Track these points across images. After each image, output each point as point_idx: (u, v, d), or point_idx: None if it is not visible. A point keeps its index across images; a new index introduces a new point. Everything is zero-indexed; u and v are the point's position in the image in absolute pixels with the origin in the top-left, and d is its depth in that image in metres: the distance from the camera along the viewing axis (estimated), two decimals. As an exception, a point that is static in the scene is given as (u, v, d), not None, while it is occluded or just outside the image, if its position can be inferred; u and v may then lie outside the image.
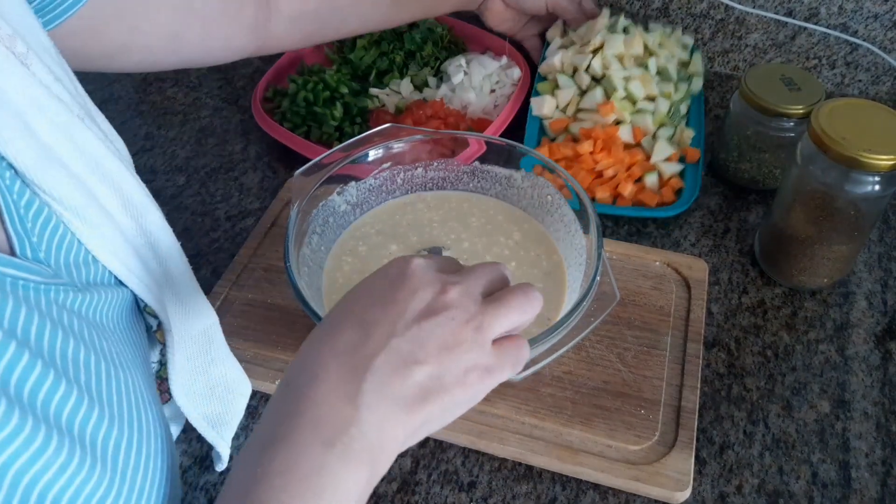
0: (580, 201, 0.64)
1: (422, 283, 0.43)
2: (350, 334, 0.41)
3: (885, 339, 0.68)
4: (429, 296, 0.42)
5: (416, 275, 0.43)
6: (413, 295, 0.42)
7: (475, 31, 1.00)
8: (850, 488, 0.58)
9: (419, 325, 0.41)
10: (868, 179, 0.63)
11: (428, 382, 0.40)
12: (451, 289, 0.42)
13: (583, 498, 0.58)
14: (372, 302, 0.42)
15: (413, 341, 0.40)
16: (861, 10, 0.90)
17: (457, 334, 0.41)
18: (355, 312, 0.42)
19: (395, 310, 0.42)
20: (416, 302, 0.42)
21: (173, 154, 0.89)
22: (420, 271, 0.43)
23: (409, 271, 0.43)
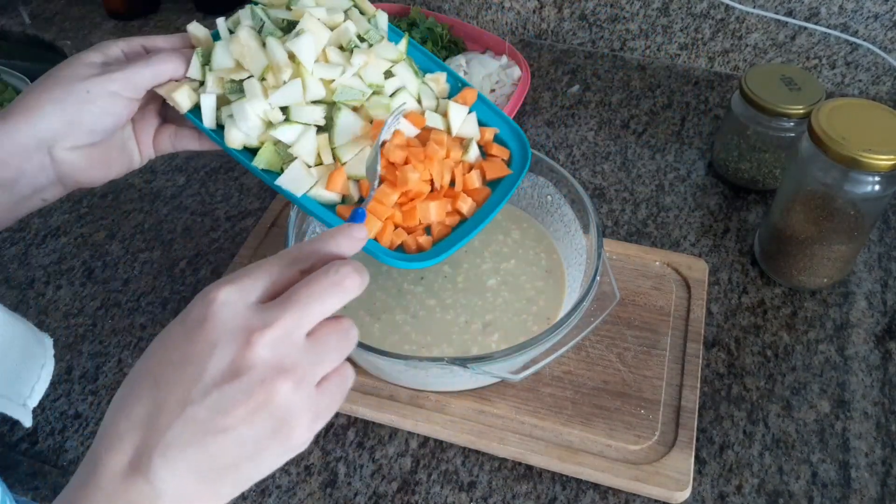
0: (580, 201, 0.64)
1: (222, 335, 0.36)
2: (144, 400, 0.36)
3: (885, 339, 0.68)
4: (230, 352, 0.36)
5: (216, 321, 0.36)
6: (211, 352, 0.36)
7: (475, 31, 1.00)
8: (850, 488, 0.58)
9: (220, 390, 0.35)
10: (868, 179, 0.63)
11: (235, 449, 0.36)
12: (258, 341, 0.36)
13: (583, 498, 0.58)
14: (168, 358, 0.37)
15: (212, 408, 0.35)
16: (861, 10, 0.90)
17: (269, 395, 0.36)
18: (151, 372, 0.37)
19: (190, 371, 0.36)
20: (214, 361, 0.36)
21: (173, 154, 0.89)
22: (223, 315, 0.36)
23: (209, 316, 0.36)
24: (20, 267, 0.76)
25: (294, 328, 0.37)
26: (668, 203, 0.82)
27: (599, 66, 1.02)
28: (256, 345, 0.36)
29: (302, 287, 0.38)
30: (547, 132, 0.91)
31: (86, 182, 0.56)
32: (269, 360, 0.36)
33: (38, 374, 0.57)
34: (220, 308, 0.37)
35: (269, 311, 0.37)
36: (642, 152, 0.88)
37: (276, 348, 0.36)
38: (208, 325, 0.36)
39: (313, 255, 0.40)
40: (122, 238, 0.78)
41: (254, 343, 0.36)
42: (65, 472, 0.60)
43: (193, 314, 0.37)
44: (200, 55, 0.56)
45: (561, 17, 1.03)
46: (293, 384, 0.37)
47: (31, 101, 0.51)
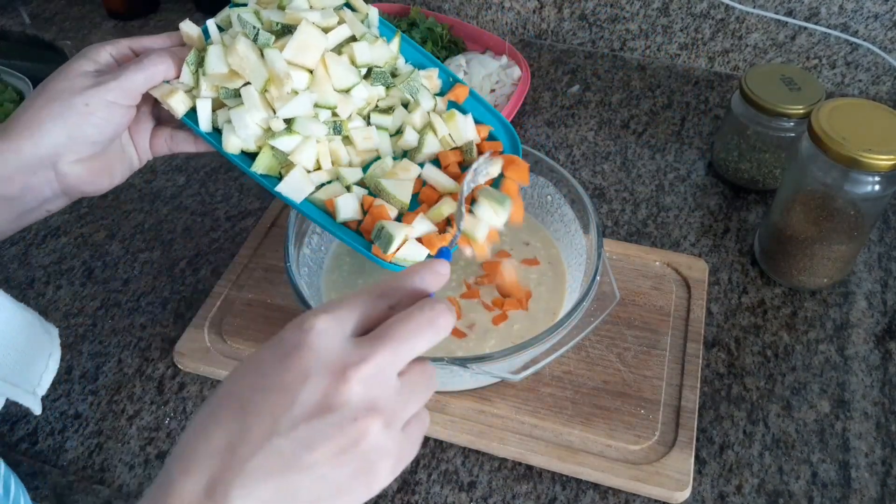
0: (580, 200, 0.65)
1: (317, 366, 0.35)
2: (227, 425, 0.35)
3: (885, 339, 0.68)
4: (324, 384, 0.34)
5: (312, 351, 0.35)
6: (304, 382, 0.34)
7: (475, 31, 1.00)
8: (850, 488, 0.58)
9: (309, 424, 0.34)
10: (868, 179, 0.63)
11: (316, 488, 0.34)
12: (353, 376, 0.34)
13: (583, 498, 0.58)
14: (257, 384, 0.35)
15: (299, 443, 0.34)
16: (861, 10, 0.90)
17: (360, 434, 0.35)
18: (238, 396, 0.35)
19: (281, 399, 0.34)
20: (306, 392, 0.34)
21: (173, 154, 0.89)
22: (320, 344, 0.35)
23: (305, 344, 0.35)
24: (20, 267, 0.76)
25: (388, 366, 0.36)
26: (668, 203, 0.82)
27: (599, 66, 1.02)
28: (351, 380, 0.34)
29: (398, 323, 0.37)
30: (547, 132, 0.91)
31: (90, 191, 0.56)
32: (362, 397, 0.35)
33: (46, 362, 0.57)
34: (316, 337, 0.35)
35: (365, 345, 0.36)
36: (642, 152, 0.88)
37: (369, 386, 0.35)
38: (304, 353, 0.35)
39: (400, 290, 0.39)
40: (122, 238, 0.78)
41: (349, 378, 0.34)
42: (65, 471, 0.60)
43: (288, 341, 0.36)
44: (191, 63, 0.56)
45: (561, 17, 1.03)
46: (383, 425, 0.35)
47: (31, 118, 0.51)
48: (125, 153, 0.58)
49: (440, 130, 0.61)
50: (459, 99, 0.63)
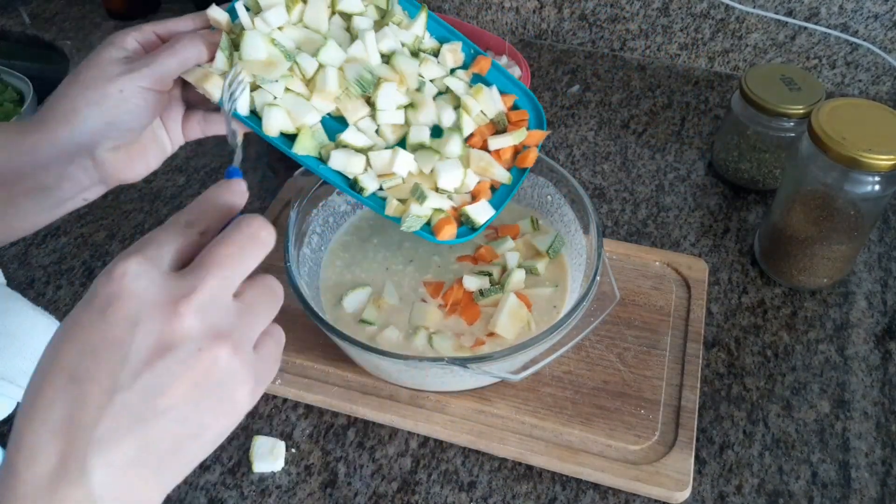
0: (580, 200, 0.64)
1: (142, 310, 0.32)
2: (62, 400, 0.32)
3: (885, 339, 0.68)
4: (156, 325, 0.32)
5: (132, 297, 0.32)
6: (133, 330, 0.32)
7: (475, 31, 1.00)
8: (850, 488, 0.58)
9: (152, 369, 0.32)
10: (868, 179, 0.63)
11: (177, 430, 0.33)
12: (185, 309, 0.33)
13: (583, 498, 0.58)
14: (81, 346, 0.33)
15: (146, 391, 0.32)
16: (861, 10, 0.90)
17: (208, 364, 0.33)
18: (64, 364, 0.32)
19: (113, 355, 0.32)
20: (139, 339, 0.32)
21: (173, 154, 0.88)
22: (138, 288, 0.33)
23: (122, 292, 0.32)
24: (20, 267, 0.76)
25: (220, 290, 0.34)
26: (668, 203, 0.82)
27: (599, 66, 1.02)
28: (184, 313, 0.33)
29: (218, 247, 0.35)
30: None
31: (127, 178, 0.56)
32: (200, 327, 0.33)
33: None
34: (132, 282, 0.33)
35: (188, 277, 0.34)
36: (642, 152, 0.88)
37: (205, 314, 0.33)
38: (123, 302, 0.32)
39: (206, 214, 0.38)
40: (122, 238, 0.78)
41: (181, 312, 0.32)
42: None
43: (102, 295, 0.33)
44: (225, 48, 0.55)
45: (561, 17, 1.03)
46: (231, 349, 0.34)
47: (67, 107, 0.51)
48: (158, 139, 0.58)
49: (473, 109, 0.62)
50: (483, 71, 0.64)
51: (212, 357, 0.33)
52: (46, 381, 0.33)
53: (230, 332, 0.34)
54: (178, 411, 0.33)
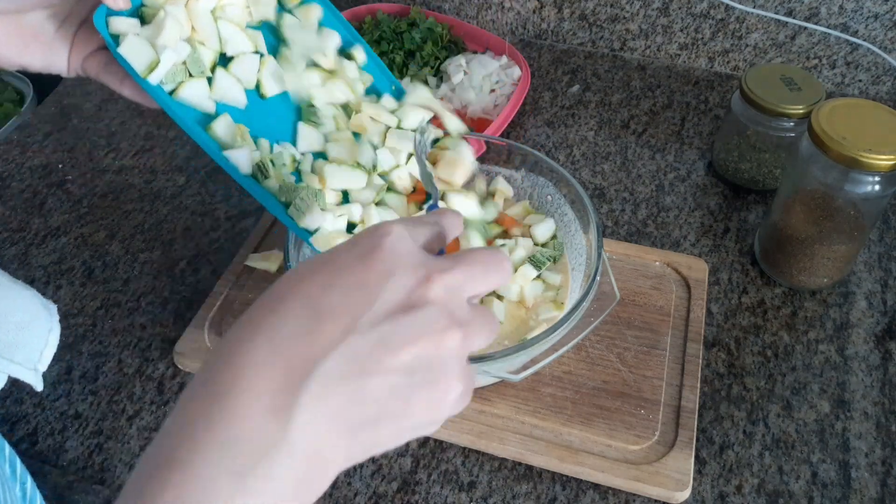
0: (580, 200, 0.65)
1: (400, 265, 0.33)
2: (295, 321, 0.31)
3: (885, 339, 0.68)
4: (409, 283, 0.33)
5: (394, 252, 0.33)
6: (387, 279, 0.32)
7: (475, 31, 1.00)
8: (850, 488, 0.58)
9: (392, 321, 0.32)
10: (868, 179, 0.63)
11: (385, 398, 0.32)
12: (437, 279, 0.33)
13: (583, 498, 0.58)
14: (331, 281, 0.32)
15: (378, 342, 0.31)
16: (861, 9, 0.90)
17: (440, 340, 0.33)
18: (307, 293, 0.32)
19: (361, 297, 0.32)
20: (390, 290, 0.32)
21: (173, 154, 0.89)
22: (400, 248, 0.33)
23: (385, 246, 0.33)
24: (20, 267, 0.76)
25: (464, 284, 0.34)
26: (668, 203, 0.82)
27: (599, 66, 1.02)
28: (436, 282, 0.33)
29: (474, 253, 0.36)
30: (547, 132, 0.91)
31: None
32: (445, 303, 0.33)
33: (46, 338, 0.57)
34: (396, 241, 0.33)
35: (444, 260, 0.34)
36: (642, 152, 0.88)
37: (451, 296, 0.33)
38: (385, 254, 0.33)
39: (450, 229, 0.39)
40: (122, 238, 0.78)
41: (434, 280, 0.33)
42: (65, 471, 0.60)
43: (364, 244, 0.33)
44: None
45: (561, 17, 1.03)
46: (462, 338, 0.33)
47: None
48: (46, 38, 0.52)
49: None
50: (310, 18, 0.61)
51: (449, 335, 0.33)
52: (284, 304, 0.32)
53: (465, 324, 0.34)
54: (397, 378, 0.32)
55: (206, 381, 0.31)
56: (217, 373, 0.31)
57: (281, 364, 0.30)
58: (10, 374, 0.54)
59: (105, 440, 0.61)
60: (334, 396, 0.30)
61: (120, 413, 0.63)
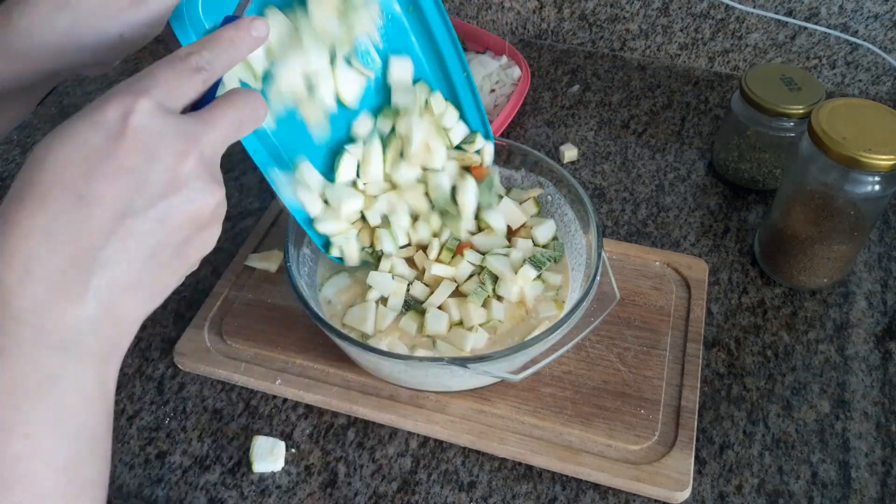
0: (580, 200, 0.65)
1: (156, 145, 0.34)
2: (67, 219, 0.32)
3: (885, 339, 0.68)
4: (169, 162, 0.34)
5: (147, 131, 0.34)
6: (149, 163, 0.34)
7: (475, 31, 1.00)
8: (850, 488, 0.58)
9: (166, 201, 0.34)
10: (868, 179, 0.63)
11: (173, 258, 0.36)
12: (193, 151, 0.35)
13: (583, 498, 0.58)
14: (89, 170, 0.33)
15: (157, 221, 0.34)
16: (861, 10, 0.90)
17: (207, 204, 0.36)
18: (67, 185, 0.33)
19: (127, 182, 0.33)
20: (156, 173, 0.34)
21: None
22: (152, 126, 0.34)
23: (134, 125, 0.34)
24: (20, 267, 0.76)
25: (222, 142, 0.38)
26: (668, 203, 0.82)
27: (599, 66, 1.02)
28: (194, 155, 0.35)
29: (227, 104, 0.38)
30: (547, 132, 0.91)
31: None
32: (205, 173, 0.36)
33: None
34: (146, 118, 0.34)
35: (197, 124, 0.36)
36: (642, 152, 0.88)
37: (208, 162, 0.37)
38: (140, 135, 0.34)
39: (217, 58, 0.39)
40: (122, 238, 0.78)
41: (192, 154, 0.35)
42: (65, 472, 0.60)
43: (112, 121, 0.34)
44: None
45: (561, 17, 1.03)
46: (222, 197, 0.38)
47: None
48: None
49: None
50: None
51: (213, 199, 0.37)
52: (47, 197, 0.33)
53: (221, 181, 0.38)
54: (176, 243, 0.36)
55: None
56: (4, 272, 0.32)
57: (66, 256, 0.32)
58: None
59: (105, 440, 0.61)
60: (125, 272, 0.34)
61: (120, 413, 0.63)
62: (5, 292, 0.32)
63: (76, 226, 0.32)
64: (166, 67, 0.37)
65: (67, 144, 0.33)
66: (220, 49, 0.39)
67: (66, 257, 0.32)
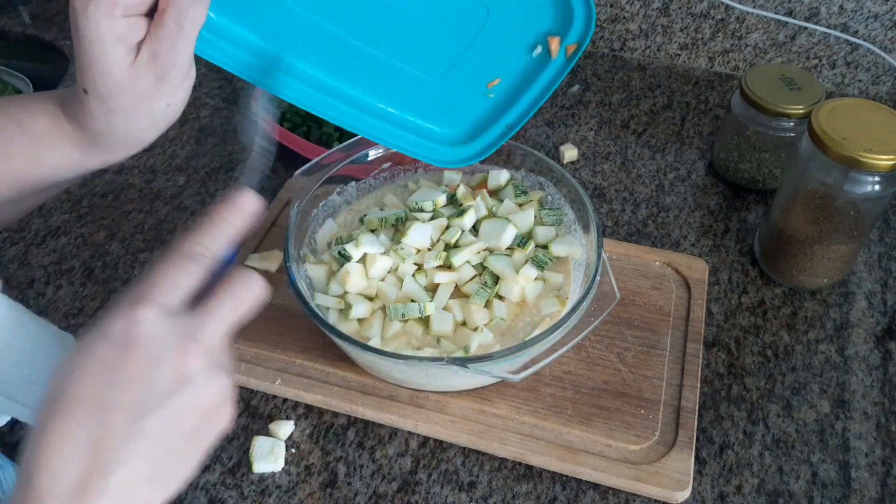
0: (580, 200, 0.65)
1: (161, 351, 0.38)
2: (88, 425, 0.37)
3: (885, 339, 0.68)
4: (173, 363, 0.38)
5: (153, 340, 0.38)
6: (155, 368, 0.38)
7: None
8: (850, 488, 0.58)
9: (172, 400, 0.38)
10: (868, 179, 0.63)
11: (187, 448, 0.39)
12: (195, 350, 0.39)
13: (583, 498, 0.58)
14: (105, 380, 0.37)
15: (166, 419, 0.38)
16: (861, 10, 0.90)
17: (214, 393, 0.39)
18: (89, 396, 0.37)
19: (137, 387, 0.37)
20: (161, 376, 0.38)
21: (173, 154, 0.89)
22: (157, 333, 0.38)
23: (142, 336, 0.38)
24: (20, 267, 0.76)
25: (220, 333, 0.40)
26: (668, 203, 0.82)
27: (599, 66, 1.02)
28: (196, 354, 0.38)
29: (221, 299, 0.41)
30: (547, 132, 0.91)
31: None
32: (207, 364, 0.39)
33: None
34: (152, 328, 0.38)
35: (196, 320, 0.39)
36: (642, 152, 0.88)
37: (210, 353, 0.39)
38: (146, 343, 0.38)
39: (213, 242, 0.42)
40: (122, 238, 0.78)
41: (194, 352, 0.38)
42: (65, 472, 0.60)
43: (121, 335, 0.38)
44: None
45: (561, 17, 1.03)
46: (228, 380, 0.40)
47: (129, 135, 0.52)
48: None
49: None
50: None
51: (218, 388, 0.39)
52: (71, 407, 0.37)
53: (226, 366, 0.40)
54: (188, 433, 0.39)
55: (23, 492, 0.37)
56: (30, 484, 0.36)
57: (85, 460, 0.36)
58: (19, 417, 0.54)
59: (105, 440, 0.61)
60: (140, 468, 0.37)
61: (120, 413, 0.63)
62: (37, 490, 0.36)
63: (97, 431, 0.36)
64: (164, 266, 0.40)
65: (85, 359, 0.38)
66: (214, 231, 0.42)
67: (89, 459, 0.36)
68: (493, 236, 0.63)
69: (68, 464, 0.36)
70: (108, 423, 0.37)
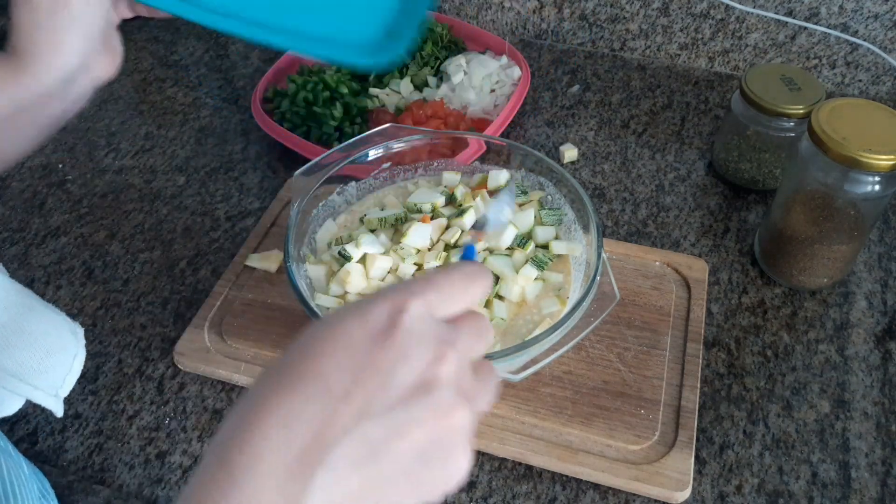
0: (580, 200, 0.64)
1: (415, 347, 0.33)
2: (311, 405, 0.31)
3: (885, 339, 0.68)
4: (422, 364, 0.33)
5: (411, 334, 0.33)
6: (403, 362, 0.32)
7: (475, 31, 1.00)
8: (850, 488, 0.58)
9: (404, 406, 0.32)
10: (868, 179, 0.63)
11: (398, 481, 0.32)
12: (449, 356, 0.33)
13: (583, 498, 0.58)
14: (344, 363, 0.32)
15: (391, 428, 0.32)
16: (861, 9, 0.90)
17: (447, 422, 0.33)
18: (322, 373, 0.32)
19: (375, 381, 0.32)
20: (404, 373, 0.32)
21: (173, 154, 0.89)
22: (418, 329, 0.33)
23: (402, 326, 0.33)
24: (20, 267, 0.76)
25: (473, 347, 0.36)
26: (668, 203, 0.82)
27: (599, 66, 1.02)
28: (448, 360, 0.33)
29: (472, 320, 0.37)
30: (547, 132, 0.91)
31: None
32: (455, 379, 0.34)
33: (71, 364, 0.57)
34: (415, 321, 0.33)
35: (450, 329, 0.35)
36: (642, 152, 0.88)
37: (460, 369, 0.34)
38: (402, 335, 0.33)
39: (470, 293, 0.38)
40: (122, 238, 0.78)
41: (446, 359, 0.33)
42: (65, 471, 0.60)
43: (378, 319, 0.33)
44: None
45: (561, 17, 1.03)
46: (469, 413, 0.34)
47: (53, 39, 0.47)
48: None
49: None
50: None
51: (458, 413, 0.33)
52: (299, 378, 0.32)
53: (472, 396, 0.35)
54: (409, 461, 0.32)
55: (221, 460, 0.31)
56: (230, 445, 0.31)
57: (296, 447, 0.31)
58: (32, 399, 0.54)
59: (105, 440, 0.61)
60: (346, 481, 0.31)
61: (120, 413, 0.63)
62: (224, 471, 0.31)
63: (316, 419, 0.31)
64: (445, 274, 0.36)
65: (330, 334, 0.33)
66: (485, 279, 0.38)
67: (297, 449, 0.31)
68: (492, 236, 0.63)
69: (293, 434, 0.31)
70: (334, 413, 0.31)
